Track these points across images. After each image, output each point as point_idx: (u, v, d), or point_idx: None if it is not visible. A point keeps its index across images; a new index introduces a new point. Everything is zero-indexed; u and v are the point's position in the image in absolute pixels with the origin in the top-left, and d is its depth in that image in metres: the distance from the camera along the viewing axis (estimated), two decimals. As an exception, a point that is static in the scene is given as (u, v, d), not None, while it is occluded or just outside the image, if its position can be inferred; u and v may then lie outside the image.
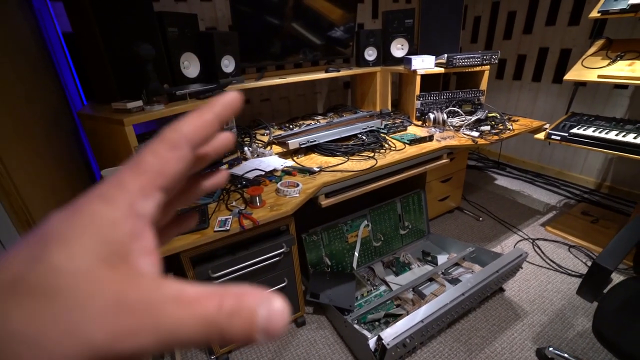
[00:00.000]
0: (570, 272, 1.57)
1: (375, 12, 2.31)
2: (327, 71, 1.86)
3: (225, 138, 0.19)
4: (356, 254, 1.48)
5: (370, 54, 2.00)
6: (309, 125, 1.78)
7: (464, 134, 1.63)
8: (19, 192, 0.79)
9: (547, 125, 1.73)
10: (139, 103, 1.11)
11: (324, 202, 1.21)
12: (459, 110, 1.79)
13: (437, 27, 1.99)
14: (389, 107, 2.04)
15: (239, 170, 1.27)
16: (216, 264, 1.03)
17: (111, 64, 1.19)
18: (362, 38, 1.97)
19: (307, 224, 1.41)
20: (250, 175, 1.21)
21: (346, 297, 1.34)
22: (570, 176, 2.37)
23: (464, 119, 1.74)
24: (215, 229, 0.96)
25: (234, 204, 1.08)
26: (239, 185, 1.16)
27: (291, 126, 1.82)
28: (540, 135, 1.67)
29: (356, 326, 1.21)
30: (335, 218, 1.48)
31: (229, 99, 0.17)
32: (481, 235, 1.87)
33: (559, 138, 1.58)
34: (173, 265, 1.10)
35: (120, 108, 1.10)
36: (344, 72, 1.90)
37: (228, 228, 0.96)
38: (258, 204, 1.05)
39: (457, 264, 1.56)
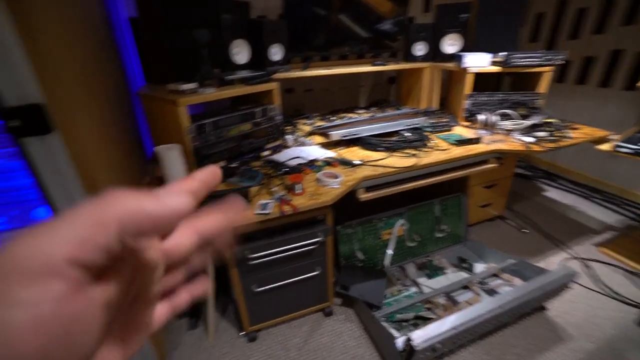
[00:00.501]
0: (627, 300, 1.42)
1: (428, 5, 2.22)
2: (373, 64, 1.82)
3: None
4: (390, 251, 1.45)
5: (420, 48, 1.92)
6: (350, 118, 1.76)
7: (517, 138, 1.52)
8: (89, 160, 0.86)
9: (614, 136, 1.56)
10: (193, 85, 1.16)
11: (364, 196, 1.19)
12: (512, 113, 1.68)
13: (495, 23, 1.86)
14: (436, 106, 1.96)
15: (280, 157, 1.29)
16: (253, 246, 1.06)
17: (169, 47, 1.25)
18: (412, 32, 1.90)
19: (342, 216, 1.40)
20: (292, 163, 1.22)
21: (376, 293, 1.33)
22: (635, 195, 2.13)
23: (517, 122, 1.63)
24: (256, 212, 0.98)
25: (274, 189, 1.10)
26: (279, 172, 1.18)
27: (333, 118, 1.81)
28: (605, 147, 1.51)
29: (384, 324, 1.19)
30: (370, 213, 1.46)
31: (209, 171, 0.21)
32: (523, 248, 1.75)
33: (629, 151, 1.42)
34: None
35: (175, 89, 1.16)
36: (390, 67, 1.85)
37: (268, 212, 0.98)
38: (298, 191, 1.06)
39: (495, 275, 1.47)
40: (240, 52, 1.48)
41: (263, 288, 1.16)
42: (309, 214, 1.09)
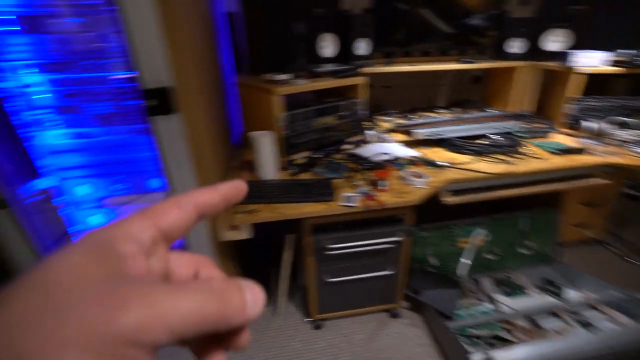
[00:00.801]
0: None
1: (528, -3, 2.00)
2: (460, 62, 1.71)
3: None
4: (466, 261, 1.36)
5: (515, 45, 1.75)
6: (431, 117, 1.68)
7: (636, 151, 1.30)
8: (198, 140, 0.95)
9: None
10: (287, 76, 1.21)
11: (450, 200, 1.13)
12: (634, 121, 1.43)
13: (614, 16, 1.61)
14: (530, 109, 1.77)
15: (363, 152, 1.28)
16: (334, 236, 1.08)
17: (267, 39, 1.32)
18: (507, 27, 1.73)
19: (417, 218, 1.35)
20: (376, 159, 1.20)
21: (448, 302, 1.26)
22: None
23: (638, 133, 1.39)
24: (341, 204, 0.99)
25: (357, 183, 1.09)
26: (363, 167, 1.18)
27: (412, 116, 1.75)
28: None
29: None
30: (446, 218, 1.38)
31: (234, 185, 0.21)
32: (627, 281, 1.50)
33: None
34: (294, 229, 1.20)
35: (270, 79, 1.22)
36: (480, 64, 1.72)
37: (353, 204, 0.98)
38: (383, 187, 1.04)
39: (592, 306, 1.29)
40: (328, 46, 1.50)
41: (335, 279, 1.17)
42: (391, 211, 1.07)
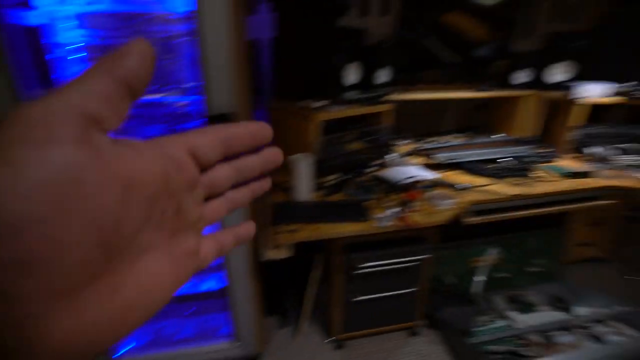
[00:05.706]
0: None
1: (532, 31, 2.17)
2: (478, 90, 1.84)
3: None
4: (480, 279, 1.44)
5: (519, 76, 1.89)
6: (444, 141, 1.80)
7: (636, 176, 1.42)
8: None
9: None
10: (323, 103, 1.31)
11: (472, 220, 1.22)
12: (632, 147, 1.57)
13: (616, 50, 1.77)
14: (534, 134, 1.90)
15: (388, 174, 1.37)
16: (364, 255, 1.15)
17: (305, 68, 1.43)
18: (512, 59, 1.89)
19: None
20: (405, 181, 1.29)
21: (465, 319, 1.33)
22: None
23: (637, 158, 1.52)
24: (376, 224, 1.07)
25: (388, 204, 1.18)
26: (392, 188, 1.26)
27: (426, 140, 1.86)
28: None
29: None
30: (459, 238, 1.46)
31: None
32: (630, 297, 1.60)
33: None
34: (321, 248, 1.26)
35: (306, 106, 1.32)
36: (488, 93, 1.85)
37: (388, 224, 1.06)
38: (412, 208, 1.13)
39: (598, 321, 1.37)
40: (351, 75, 1.61)
41: (361, 298, 1.24)
42: (417, 231, 1.16)
